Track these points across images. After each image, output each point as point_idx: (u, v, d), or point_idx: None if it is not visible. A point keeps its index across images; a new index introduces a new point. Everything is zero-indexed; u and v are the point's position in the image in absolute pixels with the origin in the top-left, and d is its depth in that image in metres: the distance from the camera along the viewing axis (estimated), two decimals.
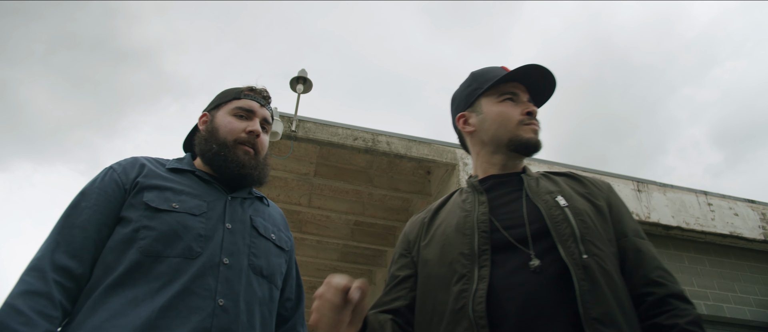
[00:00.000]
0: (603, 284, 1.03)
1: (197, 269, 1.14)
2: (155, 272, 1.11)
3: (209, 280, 1.14)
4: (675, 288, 1.10)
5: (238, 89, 1.46)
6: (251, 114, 1.40)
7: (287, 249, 1.40)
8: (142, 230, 1.15)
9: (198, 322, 1.08)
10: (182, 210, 1.20)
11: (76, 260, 1.12)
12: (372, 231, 6.34)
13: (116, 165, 1.29)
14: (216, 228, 1.22)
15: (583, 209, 1.17)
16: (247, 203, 1.36)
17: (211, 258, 1.17)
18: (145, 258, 1.12)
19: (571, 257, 1.06)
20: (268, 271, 1.28)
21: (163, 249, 1.14)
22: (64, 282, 1.08)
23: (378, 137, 4.95)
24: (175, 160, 1.39)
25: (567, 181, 1.31)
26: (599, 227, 1.15)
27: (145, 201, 1.19)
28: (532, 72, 1.36)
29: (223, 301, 1.13)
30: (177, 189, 1.25)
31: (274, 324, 1.29)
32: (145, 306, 1.06)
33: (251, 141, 1.36)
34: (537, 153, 1.33)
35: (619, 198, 1.29)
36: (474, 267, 1.12)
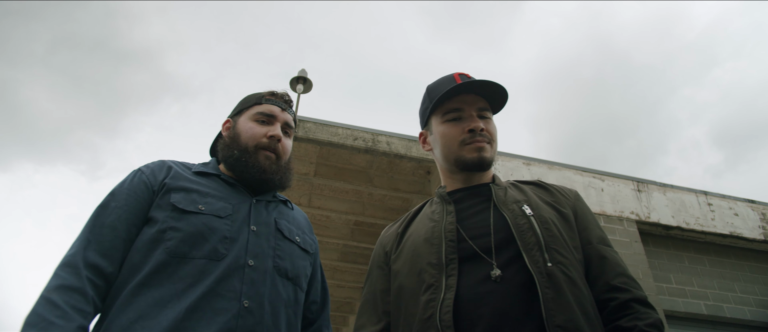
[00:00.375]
0: (567, 291, 1.05)
1: (222, 270, 1.15)
2: (181, 273, 1.13)
3: (234, 282, 1.15)
4: (637, 293, 1.12)
5: (259, 94, 1.47)
6: (272, 118, 1.41)
7: (312, 252, 1.42)
8: (169, 231, 1.17)
9: (223, 323, 1.09)
10: (208, 212, 1.22)
11: (106, 259, 1.14)
12: (372, 231, 6.34)
13: (144, 167, 1.32)
14: (241, 230, 1.24)
15: (549, 217, 1.19)
16: (272, 206, 1.38)
17: (236, 260, 1.18)
18: (171, 258, 1.14)
19: (535, 265, 1.08)
20: (293, 273, 1.29)
21: (189, 251, 1.16)
22: (95, 279, 1.11)
23: (378, 137, 4.95)
24: (200, 164, 1.41)
25: (535, 190, 1.32)
26: (564, 235, 1.18)
27: (173, 202, 1.22)
28: (476, 82, 1.33)
29: (248, 303, 1.14)
30: (203, 191, 1.27)
31: (299, 327, 1.30)
32: (171, 308, 1.08)
33: (272, 145, 1.37)
34: (485, 170, 1.32)
35: (585, 206, 1.32)
36: (442, 276, 1.14)
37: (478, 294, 1.08)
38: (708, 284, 5.02)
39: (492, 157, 1.33)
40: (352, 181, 5.28)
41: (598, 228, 1.27)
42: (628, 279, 1.15)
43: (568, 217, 1.24)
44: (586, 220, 1.26)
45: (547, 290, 1.04)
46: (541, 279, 1.05)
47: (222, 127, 1.48)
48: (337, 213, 5.77)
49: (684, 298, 4.81)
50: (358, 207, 5.81)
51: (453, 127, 1.33)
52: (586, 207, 1.31)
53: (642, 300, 1.11)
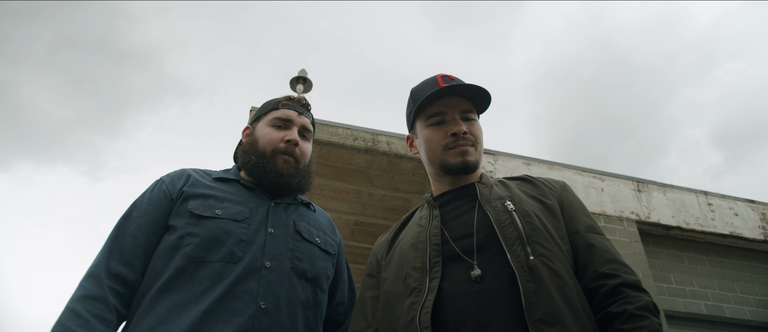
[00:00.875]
0: (549, 283, 1.03)
1: (239, 273, 1.17)
2: (199, 277, 1.15)
3: (251, 284, 1.16)
4: (628, 278, 1.09)
5: (276, 100, 1.49)
6: (289, 123, 1.43)
7: (333, 253, 1.42)
8: (187, 237, 1.20)
9: (239, 325, 1.10)
10: (225, 217, 1.24)
11: (128, 267, 1.17)
12: (372, 231, 6.35)
13: (165, 177, 1.35)
14: (258, 233, 1.25)
15: (531, 210, 1.18)
16: (291, 208, 1.39)
17: (252, 262, 1.19)
18: (189, 263, 1.16)
19: (517, 260, 1.07)
20: (313, 274, 1.29)
21: (206, 255, 1.18)
22: (118, 288, 1.14)
23: (378, 137, 4.95)
24: (221, 171, 1.43)
25: (519, 185, 1.32)
26: (549, 226, 1.16)
27: (190, 209, 1.24)
28: (456, 87, 1.33)
29: (264, 304, 1.15)
30: (220, 197, 1.29)
31: (320, 328, 1.31)
32: (189, 311, 1.10)
33: (290, 150, 1.38)
34: (470, 172, 1.32)
35: (572, 196, 1.29)
36: (425, 280, 1.14)
37: (461, 295, 1.08)
38: (708, 284, 5.02)
39: (476, 160, 1.32)
40: (352, 181, 5.28)
41: (586, 216, 1.24)
42: (617, 264, 1.12)
43: (552, 208, 1.22)
44: (572, 210, 1.24)
45: (529, 284, 1.03)
46: (522, 274, 1.04)
47: (242, 134, 1.51)
48: (337, 213, 5.77)
49: (684, 298, 4.81)
50: (358, 207, 5.81)
51: (436, 131, 1.33)
52: (573, 197, 1.29)
53: (632, 283, 1.08)
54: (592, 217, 1.25)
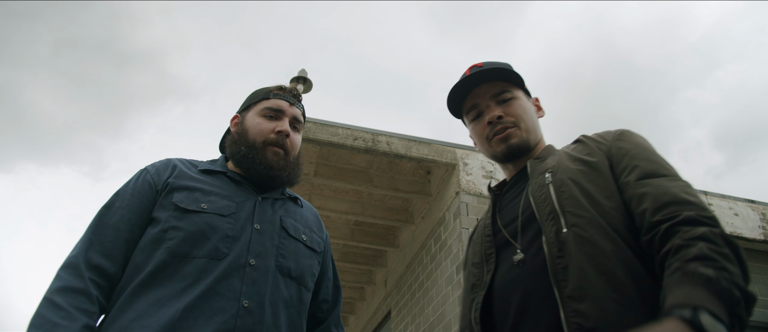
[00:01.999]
0: (580, 255, 0.94)
1: (223, 270, 1.14)
2: (182, 272, 1.12)
3: (234, 281, 1.14)
4: (686, 214, 0.89)
5: (266, 89, 1.45)
6: (280, 113, 1.39)
7: (319, 251, 1.39)
8: (171, 230, 1.17)
9: (221, 323, 1.08)
10: (210, 211, 1.21)
11: (109, 259, 1.14)
12: (372, 231, 6.35)
13: (150, 166, 1.32)
14: (244, 228, 1.22)
15: (568, 177, 1.07)
16: (279, 204, 1.36)
17: (237, 259, 1.17)
18: (172, 258, 1.13)
19: (549, 236, 1.00)
20: (297, 273, 1.27)
21: (190, 250, 1.15)
22: (98, 280, 1.11)
23: (378, 137, 4.95)
24: (208, 162, 1.40)
25: (569, 149, 1.19)
26: (589, 188, 1.04)
27: (175, 201, 1.21)
28: (468, 79, 1.29)
29: (247, 302, 1.13)
30: (206, 190, 1.26)
31: (304, 327, 1.28)
32: (169, 307, 1.07)
33: (280, 141, 1.35)
34: (520, 156, 1.26)
35: (628, 143, 1.11)
36: (482, 274, 1.14)
37: (507, 281, 1.06)
38: None
39: (523, 139, 1.23)
40: (352, 181, 5.29)
41: (644, 161, 1.04)
42: (676, 206, 0.92)
43: (597, 165, 1.08)
44: (624, 159, 1.07)
45: (559, 260, 0.96)
46: (551, 250, 0.98)
47: (230, 123, 1.46)
48: (337, 213, 5.78)
49: None
50: (358, 207, 5.82)
51: (476, 125, 1.30)
52: (628, 144, 1.10)
53: (690, 219, 0.88)
54: (655, 160, 1.05)
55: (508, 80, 1.30)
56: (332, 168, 5.30)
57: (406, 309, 5.77)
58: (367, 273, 7.30)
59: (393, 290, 6.37)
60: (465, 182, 4.89)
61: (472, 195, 4.85)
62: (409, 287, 5.80)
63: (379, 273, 7.00)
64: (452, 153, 5.05)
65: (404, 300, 5.88)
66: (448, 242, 4.86)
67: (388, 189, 5.37)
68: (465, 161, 5.04)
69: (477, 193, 4.87)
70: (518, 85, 1.31)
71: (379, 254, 6.83)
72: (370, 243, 6.32)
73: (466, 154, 5.11)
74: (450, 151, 5.07)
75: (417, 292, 5.49)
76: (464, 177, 4.92)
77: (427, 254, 5.35)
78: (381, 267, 6.83)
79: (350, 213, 5.77)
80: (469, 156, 5.11)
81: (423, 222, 5.64)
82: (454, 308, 4.46)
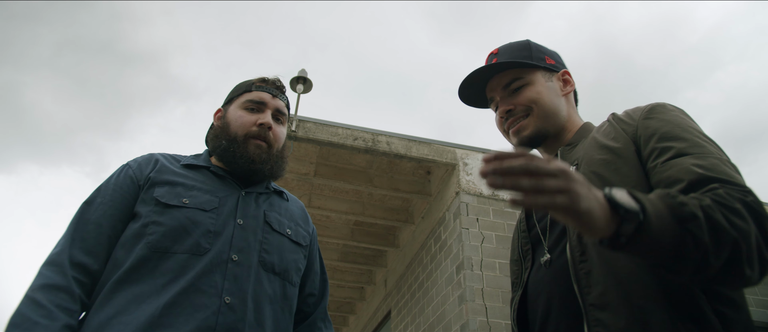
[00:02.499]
0: (600, 260, 0.89)
1: (204, 265, 1.12)
2: (162, 268, 1.11)
3: (216, 277, 1.12)
4: (711, 186, 0.80)
5: (249, 81, 1.42)
6: (263, 105, 1.36)
7: (305, 245, 1.38)
8: (151, 225, 1.15)
9: (202, 320, 1.06)
10: (192, 206, 1.19)
11: (91, 256, 1.13)
12: (372, 231, 6.35)
13: (132, 161, 1.30)
14: (226, 223, 1.21)
15: (589, 170, 0.99)
16: (263, 198, 1.34)
17: (219, 255, 1.15)
18: (152, 253, 1.12)
19: (572, 237, 0.94)
20: (281, 268, 1.26)
21: (171, 245, 1.13)
22: (81, 277, 1.09)
23: (378, 137, 4.96)
24: (191, 156, 1.39)
25: (599, 131, 1.09)
26: (613, 178, 0.95)
27: (156, 196, 1.19)
28: (471, 75, 1.23)
29: (229, 299, 1.11)
30: (189, 184, 1.24)
31: (289, 322, 1.27)
32: (149, 303, 1.06)
33: (263, 134, 1.33)
34: (539, 144, 1.19)
35: (657, 121, 0.99)
36: (521, 271, 1.12)
37: (536, 282, 1.03)
38: None
39: (538, 127, 1.15)
40: (352, 181, 5.29)
41: (670, 140, 0.93)
42: (703, 185, 0.82)
43: (620, 152, 0.98)
44: (652, 140, 0.96)
45: (582, 264, 0.91)
46: (574, 254, 0.93)
47: (213, 117, 1.44)
48: (337, 213, 5.78)
49: None
50: (358, 207, 5.82)
51: (497, 117, 1.24)
52: (655, 123, 0.98)
53: (704, 178, 0.81)
54: (685, 138, 0.92)
55: (523, 63, 1.20)
56: (332, 169, 5.31)
57: (406, 309, 5.77)
58: (367, 273, 7.30)
59: (393, 290, 6.38)
60: (465, 182, 4.89)
61: (472, 195, 4.85)
62: (409, 287, 5.81)
63: (379, 273, 7.00)
64: (452, 153, 5.06)
65: (404, 300, 5.88)
66: (448, 242, 4.86)
67: (388, 189, 5.38)
68: (465, 161, 5.05)
69: (477, 193, 4.88)
70: (535, 65, 1.21)
71: (379, 254, 6.84)
72: (370, 243, 6.33)
73: (466, 153, 5.11)
74: (450, 151, 5.07)
75: (417, 292, 5.49)
76: (464, 177, 4.93)
77: (427, 254, 5.36)
78: (381, 267, 6.83)
79: (350, 213, 5.78)
80: (469, 156, 5.11)
81: (423, 222, 5.64)
82: (454, 308, 4.47)
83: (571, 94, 1.23)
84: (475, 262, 4.45)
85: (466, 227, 4.62)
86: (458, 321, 4.33)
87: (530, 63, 1.20)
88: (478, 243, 4.57)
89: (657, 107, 1.02)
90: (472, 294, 4.30)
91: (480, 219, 4.72)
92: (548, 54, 1.25)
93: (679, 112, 1.01)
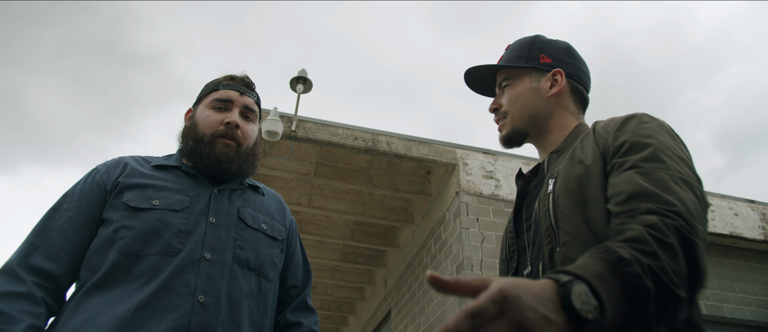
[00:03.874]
0: None
1: (176, 266, 1.12)
2: (135, 271, 1.10)
3: (189, 277, 1.12)
4: (645, 206, 0.79)
5: (216, 80, 1.41)
6: (230, 104, 1.35)
7: (281, 239, 1.36)
8: (122, 230, 1.14)
9: (175, 320, 1.06)
10: (163, 207, 1.19)
11: (54, 262, 1.11)
12: (372, 231, 6.35)
13: (101, 166, 1.29)
14: (198, 222, 1.20)
15: (564, 185, 0.98)
16: (236, 194, 1.33)
17: (191, 254, 1.14)
18: (124, 257, 1.11)
19: (544, 256, 0.96)
20: (256, 264, 1.25)
21: (143, 248, 1.13)
22: (41, 282, 1.09)
23: (378, 137, 4.95)
24: (163, 157, 1.38)
25: (582, 141, 1.07)
26: (580, 197, 0.94)
27: (125, 201, 1.19)
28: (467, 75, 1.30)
29: (203, 298, 1.10)
30: (159, 185, 1.24)
31: (265, 318, 1.26)
32: (121, 305, 1.05)
33: (230, 132, 1.31)
34: (515, 146, 1.22)
35: (625, 136, 0.96)
36: (508, 271, 1.11)
37: None
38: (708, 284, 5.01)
39: (512, 128, 1.19)
40: (352, 181, 5.29)
41: (631, 154, 0.91)
42: (638, 200, 0.81)
43: (590, 168, 0.96)
44: (616, 155, 0.94)
45: None
46: (545, 272, 0.94)
47: (184, 117, 1.43)
48: (337, 213, 5.78)
49: None
50: (358, 207, 5.82)
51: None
52: (624, 136, 0.96)
53: (649, 211, 0.78)
54: (645, 149, 0.91)
55: (518, 62, 1.23)
56: (332, 168, 5.31)
57: (406, 309, 5.77)
58: (367, 273, 7.30)
59: (393, 290, 6.38)
60: (465, 182, 4.89)
61: (472, 195, 4.85)
62: (409, 287, 5.81)
63: (379, 273, 7.00)
64: (452, 153, 5.06)
65: (404, 300, 5.88)
66: (448, 242, 4.86)
67: (388, 189, 5.38)
68: (465, 161, 5.05)
69: (477, 193, 4.88)
70: (531, 64, 1.21)
71: (379, 254, 6.84)
72: (370, 243, 6.32)
73: (466, 153, 5.11)
74: (450, 151, 5.07)
75: (417, 292, 5.49)
76: (464, 177, 4.93)
77: (427, 254, 5.35)
78: (381, 267, 6.83)
79: (350, 213, 5.78)
80: (469, 156, 5.11)
81: (423, 222, 5.64)
82: (454, 308, 4.47)
83: (565, 93, 1.21)
84: (475, 262, 4.45)
85: (466, 227, 4.61)
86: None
87: (515, 64, 1.22)
88: (478, 243, 4.57)
89: (632, 120, 1.00)
90: None
91: (480, 219, 4.72)
92: (547, 51, 1.23)
93: (652, 124, 0.99)
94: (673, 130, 1.01)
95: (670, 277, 0.69)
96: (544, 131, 1.19)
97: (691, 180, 0.86)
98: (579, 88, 1.22)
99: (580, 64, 1.25)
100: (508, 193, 4.96)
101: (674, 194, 0.81)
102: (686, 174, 0.87)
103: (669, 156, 0.90)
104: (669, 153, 0.90)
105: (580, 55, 1.27)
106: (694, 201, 0.82)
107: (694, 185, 0.86)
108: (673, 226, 0.74)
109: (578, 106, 1.23)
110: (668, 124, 1.01)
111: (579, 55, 1.27)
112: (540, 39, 1.26)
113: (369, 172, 5.37)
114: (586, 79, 1.25)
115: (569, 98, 1.21)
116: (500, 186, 5.02)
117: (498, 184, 5.03)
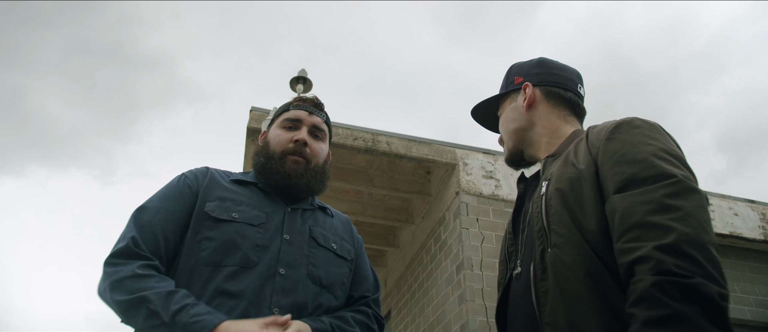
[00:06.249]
0: (558, 280, 0.92)
1: (254, 279, 1.18)
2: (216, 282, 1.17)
3: (265, 290, 1.18)
4: (641, 252, 0.82)
5: (288, 102, 1.51)
6: (299, 123, 1.43)
7: (350, 258, 1.42)
8: (204, 241, 1.21)
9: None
10: (241, 220, 1.25)
11: (155, 255, 1.19)
12: (372, 231, 6.36)
13: (188, 172, 1.37)
14: (273, 238, 1.26)
15: (556, 188, 1.01)
16: (308, 214, 1.39)
17: (267, 269, 1.20)
18: (205, 268, 1.18)
19: (536, 257, 0.99)
20: (328, 281, 1.30)
21: (222, 259, 1.19)
22: (151, 264, 1.16)
23: (378, 137, 4.96)
24: (240, 173, 1.45)
25: (577, 146, 1.09)
26: (572, 202, 0.97)
27: (207, 210, 1.25)
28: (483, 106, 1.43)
29: (277, 311, 1.16)
30: (237, 199, 1.30)
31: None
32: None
33: (299, 150, 1.38)
34: (522, 166, 1.32)
35: (615, 144, 0.98)
36: (505, 273, 1.17)
37: (512, 291, 1.10)
38: None
39: (509, 151, 1.31)
40: (352, 181, 5.30)
41: (624, 166, 0.93)
42: (639, 231, 0.84)
43: (583, 174, 0.98)
44: (606, 165, 0.96)
45: (542, 282, 0.95)
46: (536, 272, 0.97)
47: (258, 139, 1.52)
48: None
49: None
50: (358, 207, 5.83)
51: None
52: (614, 145, 0.98)
53: (643, 257, 0.81)
54: (638, 161, 0.92)
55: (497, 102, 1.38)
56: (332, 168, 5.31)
57: (406, 309, 5.77)
58: None
59: (393, 290, 6.38)
60: (465, 182, 4.89)
61: (472, 195, 4.85)
62: (409, 287, 5.81)
63: (379, 273, 7.01)
64: (452, 153, 5.06)
65: (404, 300, 5.89)
66: (448, 242, 4.87)
67: (388, 189, 5.38)
68: (465, 161, 5.05)
69: (477, 193, 4.88)
70: (509, 89, 1.34)
71: (379, 254, 6.84)
72: (370, 243, 6.33)
73: (466, 153, 5.12)
74: (450, 151, 5.07)
75: (417, 292, 5.50)
76: (464, 177, 4.93)
77: (427, 254, 5.36)
78: (381, 267, 6.84)
79: (350, 214, 5.78)
80: (469, 156, 5.12)
81: (423, 222, 5.64)
82: (454, 308, 4.47)
83: (540, 101, 1.26)
84: (475, 262, 4.46)
85: (466, 227, 4.62)
86: (458, 321, 4.33)
87: (497, 95, 1.36)
88: (478, 243, 4.57)
89: (622, 126, 1.01)
90: (472, 294, 4.30)
91: (480, 219, 4.72)
92: (520, 72, 1.33)
93: (645, 129, 0.99)
94: (663, 129, 1.02)
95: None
96: (533, 141, 1.25)
97: (689, 188, 0.89)
98: (554, 91, 1.26)
99: (554, 70, 1.30)
100: (508, 193, 4.96)
101: (666, 218, 0.84)
102: (684, 182, 0.89)
103: (664, 159, 0.92)
104: (655, 165, 0.91)
105: (555, 62, 1.33)
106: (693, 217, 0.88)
107: (692, 194, 0.89)
108: (669, 284, 0.78)
109: (563, 108, 1.26)
110: (659, 124, 1.03)
111: (553, 62, 1.33)
112: (515, 65, 1.37)
113: (369, 172, 5.37)
114: (563, 81, 1.28)
115: (547, 104, 1.26)
116: (500, 186, 5.02)
117: (498, 184, 5.03)
